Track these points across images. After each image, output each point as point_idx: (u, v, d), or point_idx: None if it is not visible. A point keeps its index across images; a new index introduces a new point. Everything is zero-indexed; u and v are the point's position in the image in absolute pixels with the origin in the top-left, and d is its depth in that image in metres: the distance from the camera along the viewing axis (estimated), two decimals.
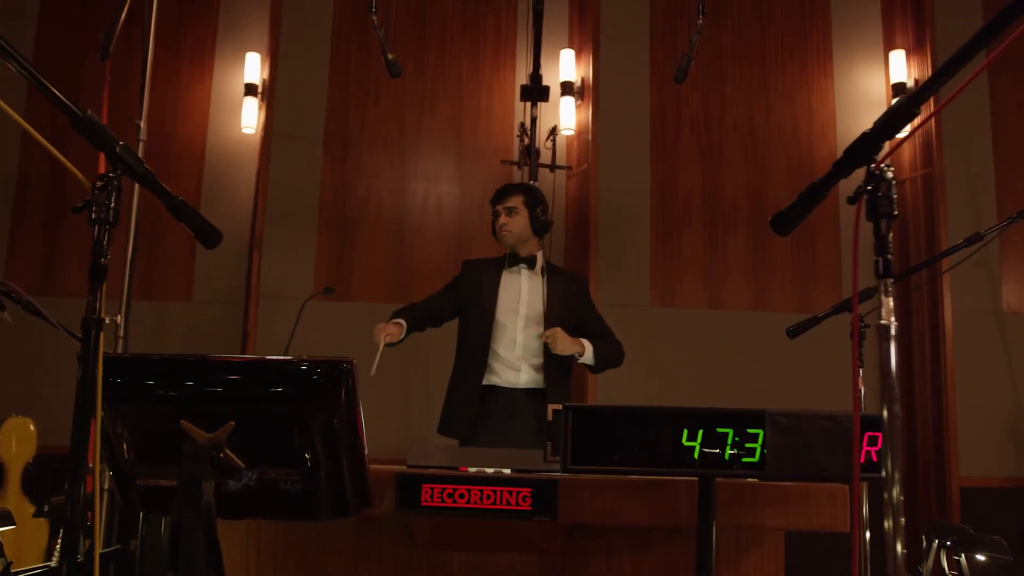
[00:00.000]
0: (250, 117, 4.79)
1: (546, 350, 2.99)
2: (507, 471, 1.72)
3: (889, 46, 4.87)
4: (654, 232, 4.66)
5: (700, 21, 3.20)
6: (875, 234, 1.02)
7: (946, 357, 4.32)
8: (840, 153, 1.68)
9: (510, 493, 1.58)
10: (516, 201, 3.17)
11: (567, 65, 4.77)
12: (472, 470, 1.72)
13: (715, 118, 4.78)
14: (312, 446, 1.48)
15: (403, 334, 3.01)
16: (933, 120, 4.53)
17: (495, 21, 4.86)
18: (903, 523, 1.13)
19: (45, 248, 4.81)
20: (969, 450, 4.31)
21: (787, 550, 1.89)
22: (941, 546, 2.01)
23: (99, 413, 1.17)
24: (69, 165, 1.26)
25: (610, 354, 3.10)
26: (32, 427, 4.03)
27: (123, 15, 3.52)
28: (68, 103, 1.15)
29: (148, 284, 4.64)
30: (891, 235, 1.02)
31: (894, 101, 1.09)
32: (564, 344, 2.92)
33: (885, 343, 1.03)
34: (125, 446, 1.57)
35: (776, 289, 4.66)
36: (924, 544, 2.11)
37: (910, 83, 4.68)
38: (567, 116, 4.70)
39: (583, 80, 4.75)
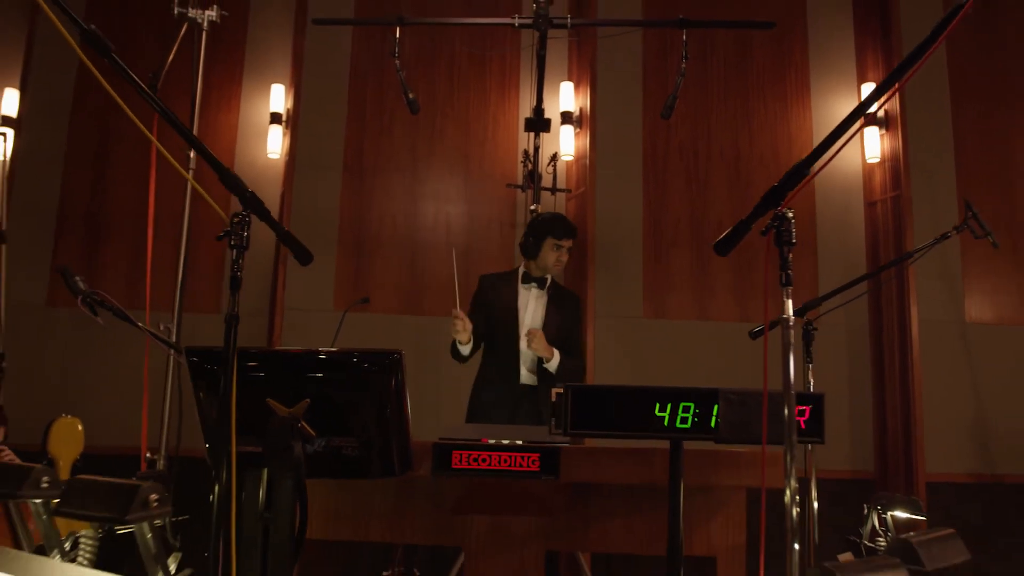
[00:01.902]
0: (275, 144, 5.22)
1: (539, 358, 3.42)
2: (519, 441, 2.12)
3: (862, 79, 5.31)
4: (646, 250, 5.08)
5: (683, 65, 3.62)
6: (780, 257, 1.43)
7: (914, 364, 4.73)
8: (817, 176, 2.20)
9: (522, 458, 1.99)
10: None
11: (567, 96, 5.20)
12: (491, 441, 2.12)
13: (702, 147, 5.21)
14: (368, 420, 1.88)
15: (469, 341, 3.37)
16: (901, 147, 4.97)
17: (499, 56, 5.29)
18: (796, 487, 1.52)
19: (85, 263, 5.21)
20: (935, 448, 4.70)
21: (750, 512, 2.28)
22: (872, 509, 2.40)
23: (233, 400, 1.55)
24: (215, 205, 1.67)
25: (571, 372, 3.47)
26: (80, 427, 4.43)
27: (171, 56, 3.95)
28: (217, 161, 1.56)
29: (189, 296, 5.05)
30: (791, 256, 1.43)
31: (795, 164, 1.47)
32: (539, 344, 3.33)
33: (786, 331, 1.44)
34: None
35: (757, 301, 5.06)
36: (865, 511, 2.52)
37: (880, 113, 5.12)
38: (566, 143, 5.12)
39: (581, 110, 5.17)
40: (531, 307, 3.52)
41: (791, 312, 1.46)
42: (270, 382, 1.89)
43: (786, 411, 1.44)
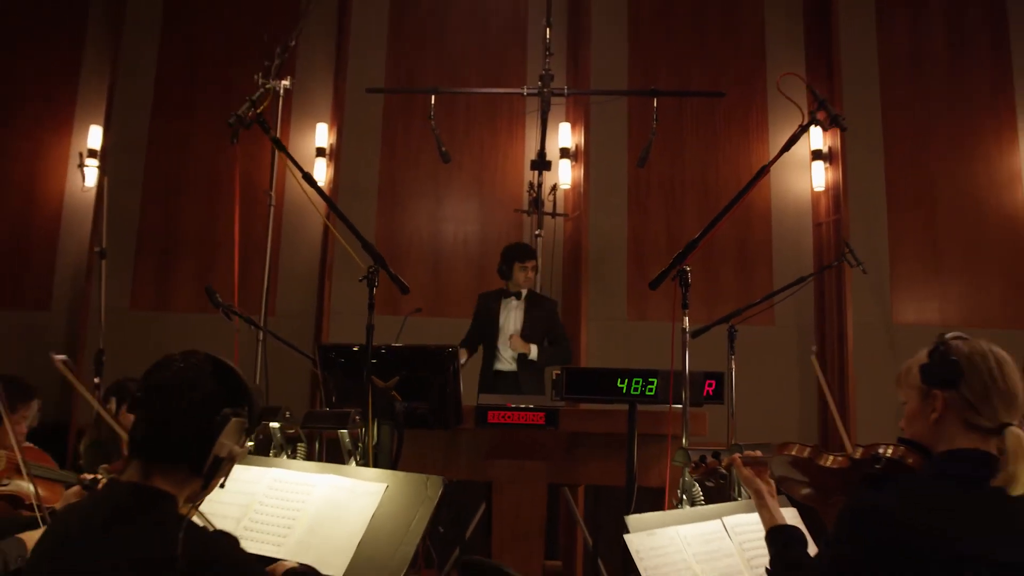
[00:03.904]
0: (320, 173, 6.23)
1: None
2: (531, 405, 3.15)
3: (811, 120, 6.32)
4: (630, 263, 6.12)
5: (655, 126, 4.65)
6: (682, 294, 2.44)
7: (849, 358, 5.76)
8: (773, 202, 3.44)
9: (534, 415, 3.03)
10: (534, 263, 4.75)
11: (565, 134, 6.22)
12: (512, 404, 3.15)
13: (677, 176, 6.24)
14: (434, 390, 2.90)
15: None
16: (842, 179, 6.00)
17: (509, 102, 6.31)
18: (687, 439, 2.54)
19: (160, 275, 6.24)
20: (865, 428, 5.73)
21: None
22: None
23: (370, 380, 2.57)
24: (356, 257, 2.68)
25: (554, 356, 4.69)
26: None
27: (258, 110, 4.95)
28: (360, 235, 2.59)
29: (244, 302, 6.06)
30: (688, 291, 2.45)
31: (690, 239, 2.47)
32: (515, 343, 4.60)
33: (683, 336, 2.47)
34: (334, 394, 3.00)
35: (724, 306, 6.07)
36: None
37: (825, 149, 6.15)
38: (564, 174, 6.15)
39: (577, 146, 6.20)
40: (512, 316, 4.74)
41: (687, 325, 2.49)
42: (372, 366, 2.91)
43: (683, 389, 2.48)
